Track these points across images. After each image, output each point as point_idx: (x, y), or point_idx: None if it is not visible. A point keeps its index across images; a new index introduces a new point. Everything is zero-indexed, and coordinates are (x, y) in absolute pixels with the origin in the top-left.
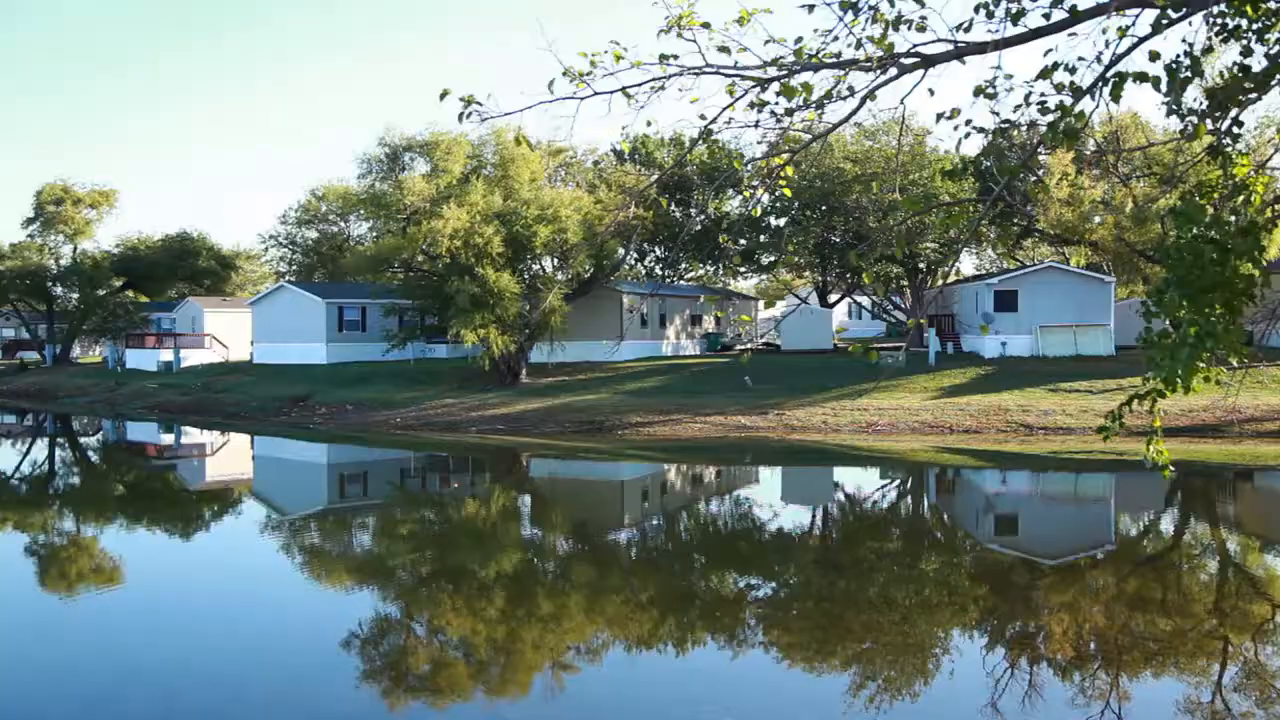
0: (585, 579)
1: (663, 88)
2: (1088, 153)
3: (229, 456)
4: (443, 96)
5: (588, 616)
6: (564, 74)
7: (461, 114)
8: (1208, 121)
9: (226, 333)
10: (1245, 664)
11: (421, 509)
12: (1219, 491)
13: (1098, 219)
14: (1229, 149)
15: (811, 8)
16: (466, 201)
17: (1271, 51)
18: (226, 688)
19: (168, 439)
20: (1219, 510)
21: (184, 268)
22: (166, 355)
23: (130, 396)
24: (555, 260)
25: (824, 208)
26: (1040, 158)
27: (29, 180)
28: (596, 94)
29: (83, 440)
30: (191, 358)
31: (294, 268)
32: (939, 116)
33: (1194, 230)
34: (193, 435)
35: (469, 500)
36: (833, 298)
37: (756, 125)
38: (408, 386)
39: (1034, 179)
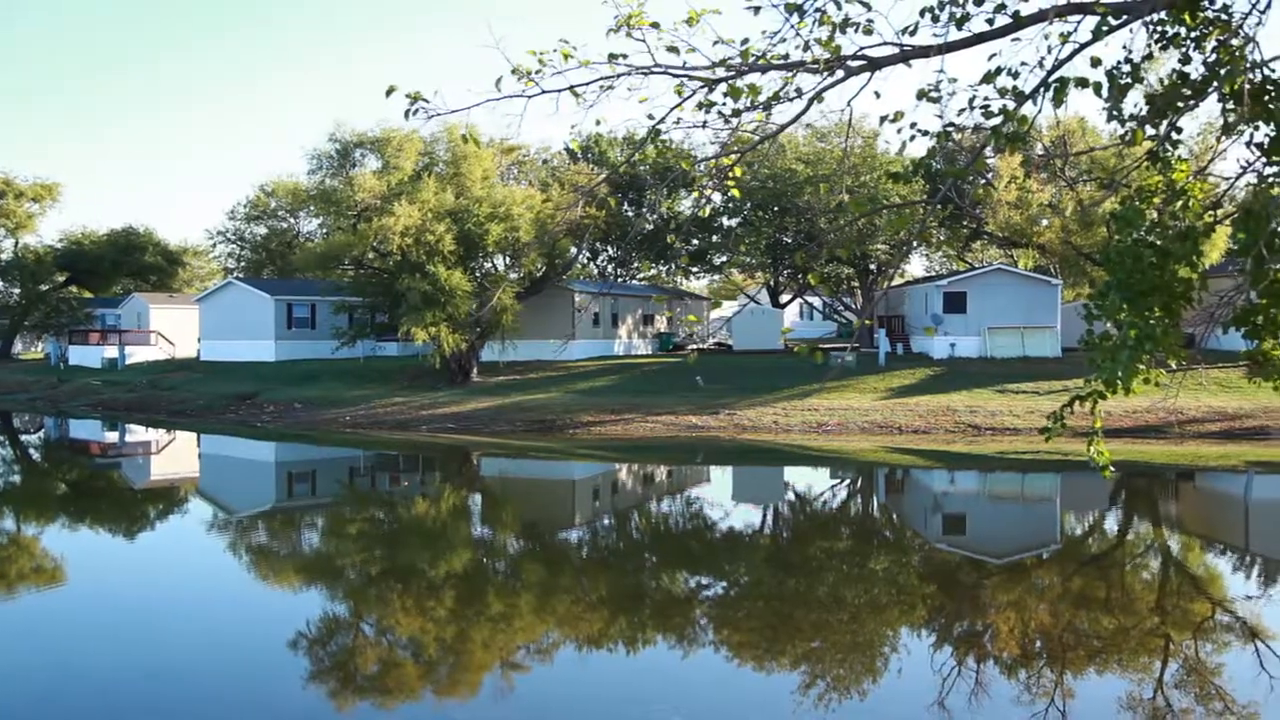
0: (536, 578)
1: (611, 87)
2: (1036, 156)
3: (174, 455)
4: (389, 93)
5: (538, 616)
6: (512, 72)
7: (408, 111)
8: (1147, 127)
9: (173, 330)
10: (1185, 661)
11: (371, 508)
12: (1161, 491)
13: (1045, 222)
14: (1168, 154)
15: (757, 9)
16: (418, 199)
17: (1209, 59)
18: (172, 688)
19: (112, 437)
20: (1161, 510)
21: (129, 263)
22: (111, 352)
23: (73, 393)
24: (507, 259)
25: (776, 208)
26: (989, 161)
27: None
28: (544, 92)
29: (23, 438)
30: (137, 355)
31: (242, 264)
32: (883, 119)
33: (1133, 234)
34: (137, 433)
35: (419, 499)
36: (784, 298)
37: (704, 126)
38: (357, 384)
39: (983, 182)
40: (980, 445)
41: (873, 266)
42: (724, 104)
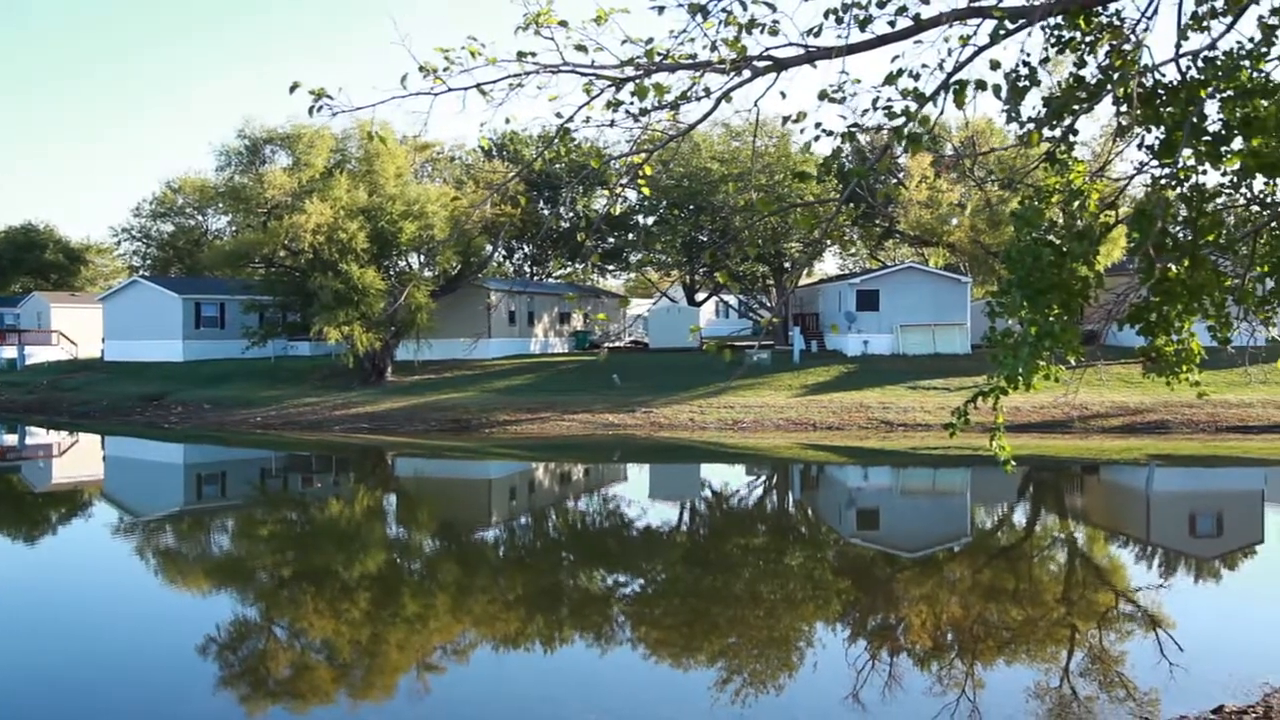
0: (451, 579)
1: (520, 85)
2: (946, 156)
3: (77, 457)
4: (293, 89)
5: (454, 617)
6: (419, 69)
7: (312, 108)
8: (1045, 129)
9: (76, 329)
10: (1090, 650)
11: (282, 509)
12: (1067, 485)
13: (955, 221)
14: (1065, 156)
15: (662, 9)
16: (330, 196)
17: (1103, 63)
18: (77, 696)
19: (10, 439)
20: (1067, 503)
21: (29, 261)
22: (9, 352)
23: None
24: (422, 257)
25: (691, 207)
26: (899, 160)
27: None
28: (451, 90)
29: None
30: (37, 355)
31: (148, 262)
32: (785, 119)
33: (1033, 234)
34: (38, 435)
35: (332, 500)
36: (700, 296)
37: (612, 125)
38: (269, 385)
39: (894, 182)
40: (893, 441)
41: (787, 265)
42: (631, 103)
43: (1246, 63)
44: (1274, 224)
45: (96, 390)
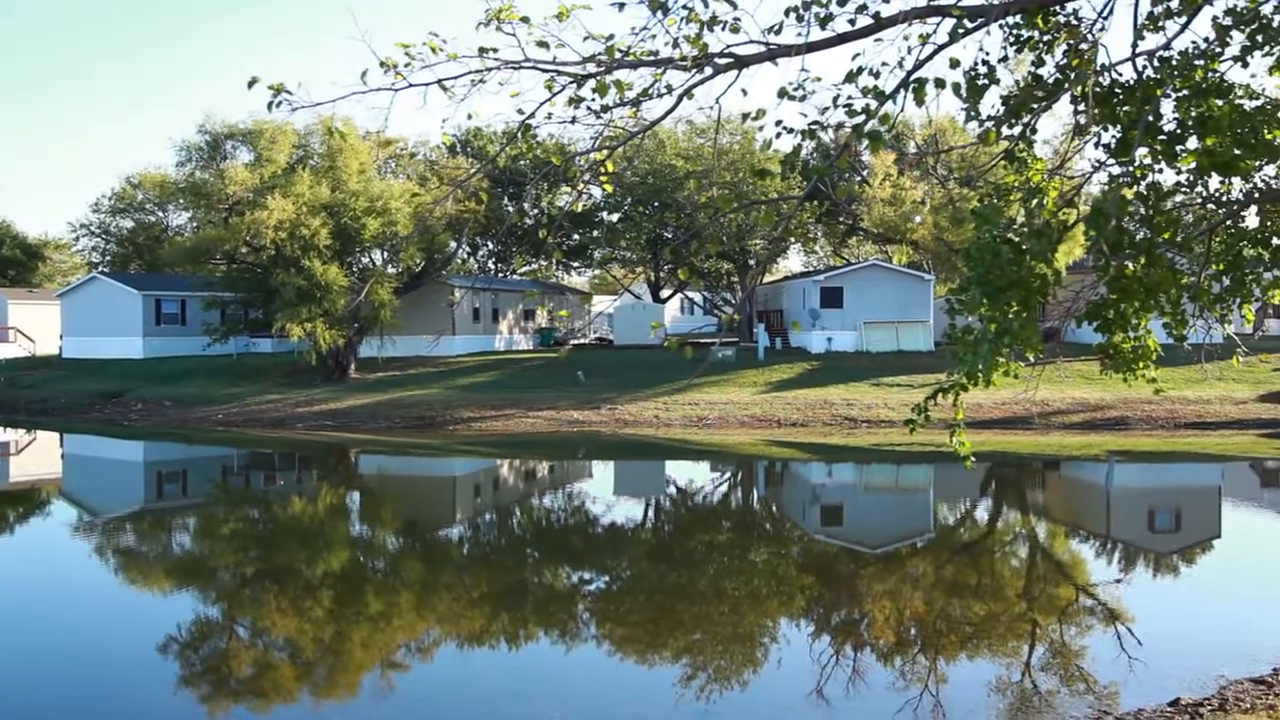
0: (416, 576)
1: (482, 81)
2: (908, 154)
3: (35, 454)
4: (251, 84)
5: (419, 614)
6: (381, 65)
7: (271, 103)
8: (1003, 127)
9: (33, 326)
10: (1051, 645)
11: (244, 507)
12: (1028, 481)
13: (918, 219)
14: (1023, 154)
15: (622, 5)
16: (292, 192)
17: (1060, 63)
18: (35, 695)
19: None
20: (1028, 499)
21: None
22: None
23: None
24: (385, 253)
25: (656, 204)
26: (864, 158)
27: None
28: (411, 86)
29: None
30: None
31: (108, 258)
32: (745, 116)
33: (992, 232)
34: None
35: (295, 498)
36: (665, 293)
37: (574, 121)
38: (230, 382)
39: (859, 179)
40: (857, 438)
41: (752, 262)
42: (593, 100)
43: (1201, 62)
44: (1229, 222)
45: (54, 387)
